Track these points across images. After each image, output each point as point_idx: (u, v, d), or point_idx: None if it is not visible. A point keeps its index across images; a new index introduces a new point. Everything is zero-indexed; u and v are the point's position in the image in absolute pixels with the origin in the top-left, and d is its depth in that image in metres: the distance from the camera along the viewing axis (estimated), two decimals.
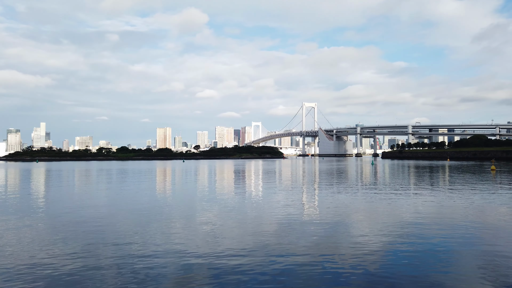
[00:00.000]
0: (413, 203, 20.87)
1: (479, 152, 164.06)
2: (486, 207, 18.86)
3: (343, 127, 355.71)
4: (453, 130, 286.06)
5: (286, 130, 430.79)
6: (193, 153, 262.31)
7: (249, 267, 9.24)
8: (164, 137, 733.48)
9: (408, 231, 13.24)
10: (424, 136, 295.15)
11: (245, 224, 14.85)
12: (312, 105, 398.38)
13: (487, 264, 9.41)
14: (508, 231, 13.41)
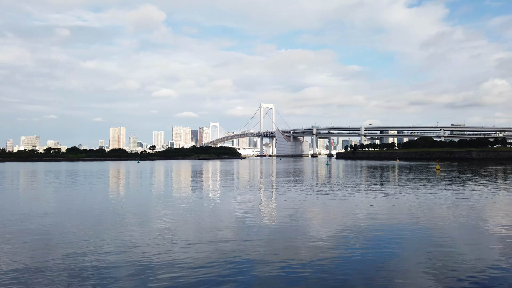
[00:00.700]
0: (366, 201, 21.72)
1: (425, 152, 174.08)
2: (432, 205, 20.04)
3: (300, 128, 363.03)
4: (402, 132, 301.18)
5: (244, 130, 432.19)
6: (149, 154, 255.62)
7: (206, 268, 9.16)
8: (118, 137, 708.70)
9: (360, 229, 13.76)
10: (375, 137, 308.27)
11: (202, 226, 14.71)
12: (270, 106, 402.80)
13: (434, 259, 10.00)
14: (452, 226, 14.32)
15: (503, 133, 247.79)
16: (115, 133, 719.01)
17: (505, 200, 22.09)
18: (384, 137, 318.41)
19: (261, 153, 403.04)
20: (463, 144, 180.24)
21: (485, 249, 11.04)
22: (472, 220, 15.57)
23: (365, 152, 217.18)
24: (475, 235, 12.92)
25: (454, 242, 11.86)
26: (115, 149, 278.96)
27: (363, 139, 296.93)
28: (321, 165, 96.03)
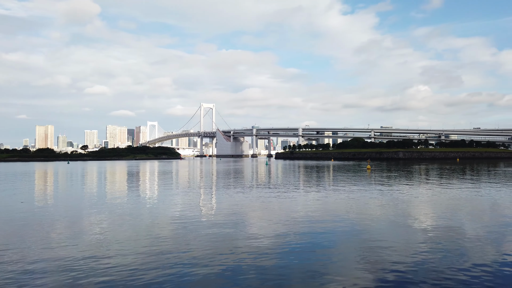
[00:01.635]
0: (303, 200, 22.46)
1: (357, 153, 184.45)
2: (363, 202, 21.27)
3: (240, 128, 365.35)
4: (337, 133, 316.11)
5: (184, 130, 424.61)
6: (80, 154, 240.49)
7: (143, 274, 8.83)
8: (45, 136, 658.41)
9: (298, 226, 14.19)
10: (312, 138, 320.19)
11: (139, 230, 14.16)
12: (210, 106, 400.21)
13: (366, 252, 10.61)
14: (381, 221, 15.31)
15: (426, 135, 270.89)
16: (42, 132, 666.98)
17: (427, 195, 24.14)
18: (320, 138, 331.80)
19: (201, 153, 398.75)
20: (391, 145, 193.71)
21: (410, 241, 11.95)
22: (399, 214, 16.79)
23: (303, 153, 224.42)
24: (401, 228, 13.93)
25: (382, 235, 12.69)
26: (42, 149, 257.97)
27: (300, 139, 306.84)
28: (260, 165, 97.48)
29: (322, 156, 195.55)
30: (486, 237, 12.40)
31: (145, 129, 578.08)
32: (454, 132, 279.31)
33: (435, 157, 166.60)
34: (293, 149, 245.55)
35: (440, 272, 8.83)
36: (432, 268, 9.16)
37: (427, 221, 15.42)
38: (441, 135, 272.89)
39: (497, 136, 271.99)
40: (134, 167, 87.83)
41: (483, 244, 11.42)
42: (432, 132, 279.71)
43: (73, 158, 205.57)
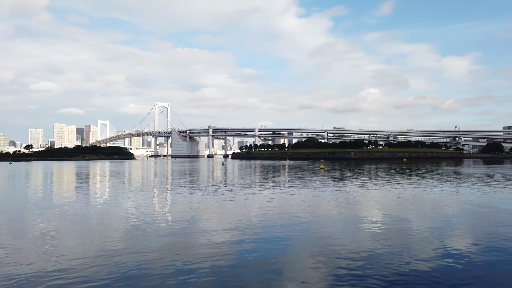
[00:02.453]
0: (259, 199, 22.63)
1: (312, 153, 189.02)
2: (317, 200, 21.83)
3: (196, 128, 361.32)
4: (292, 133, 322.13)
5: (137, 130, 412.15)
6: (24, 154, 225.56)
7: (94, 277, 8.44)
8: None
9: (254, 226, 14.27)
10: (268, 138, 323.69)
11: (88, 234, 13.55)
12: (165, 105, 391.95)
13: (320, 248, 10.89)
14: (334, 220, 15.79)
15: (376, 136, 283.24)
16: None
17: (377, 194, 25.26)
18: (276, 138, 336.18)
19: (156, 153, 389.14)
20: (343, 145, 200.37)
21: (361, 238, 12.43)
22: (351, 212, 17.41)
23: (259, 153, 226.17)
24: (353, 225, 14.45)
25: (335, 232, 13.09)
26: None
27: (257, 139, 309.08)
28: (217, 165, 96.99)
29: (278, 156, 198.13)
30: (430, 231, 13.19)
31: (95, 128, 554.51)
32: (401, 133, 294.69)
33: (384, 157, 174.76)
34: (250, 149, 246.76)
35: (389, 266, 9.26)
36: (382, 262, 9.59)
37: (377, 218, 16.13)
38: (390, 136, 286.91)
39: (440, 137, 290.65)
40: (83, 167, 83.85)
41: (428, 239, 12.14)
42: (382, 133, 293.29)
43: (16, 159, 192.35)
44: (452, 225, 14.45)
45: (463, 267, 9.21)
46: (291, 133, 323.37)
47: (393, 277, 8.54)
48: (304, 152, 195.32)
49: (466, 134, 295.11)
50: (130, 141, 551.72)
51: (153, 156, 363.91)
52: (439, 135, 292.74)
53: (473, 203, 20.62)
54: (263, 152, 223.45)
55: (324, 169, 63.44)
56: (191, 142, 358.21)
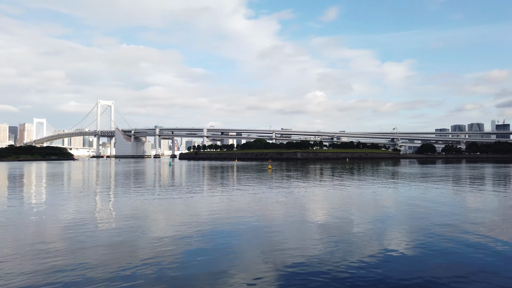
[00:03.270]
0: (207, 200, 22.41)
1: (260, 153, 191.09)
2: (264, 200, 22.08)
3: (142, 128, 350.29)
4: (241, 134, 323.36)
5: (78, 129, 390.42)
6: None
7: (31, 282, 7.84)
8: None
9: (202, 227, 14.10)
10: (217, 138, 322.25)
11: (24, 241, 12.56)
12: (108, 103, 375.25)
13: (267, 248, 11.01)
14: (282, 219, 16.06)
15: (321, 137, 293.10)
16: None
17: (322, 192, 26.11)
18: (225, 139, 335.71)
19: (98, 154, 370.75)
20: (290, 146, 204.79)
21: (308, 235, 12.76)
22: (297, 211, 17.82)
23: (207, 153, 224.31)
24: (299, 224, 14.80)
25: (283, 231, 13.33)
26: None
27: (205, 140, 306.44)
28: (164, 166, 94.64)
29: (226, 157, 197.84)
30: (371, 228, 13.88)
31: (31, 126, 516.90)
32: (344, 135, 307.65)
33: (328, 157, 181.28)
34: (198, 149, 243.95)
35: (333, 263, 9.60)
36: (327, 259, 9.91)
37: (322, 216, 16.67)
38: (334, 137, 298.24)
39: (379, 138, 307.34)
40: (16, 169, 77.65)
41: (369, 235, 12.76)
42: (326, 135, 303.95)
43: None
44: (390, 221, 15.32)
45: (402, 261, 9.79)
46: (239, 134, 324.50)
47: (337, 274, 8.86)
48: (253, 152, 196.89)
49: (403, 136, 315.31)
50: (70, 141, 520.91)
51: (95, 157, 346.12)
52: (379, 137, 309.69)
53: (410, 200, 22.03)
54: (212, 153, 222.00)
55: (272, 169, 64.41)
56: (136, 142, 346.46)
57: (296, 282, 8.27)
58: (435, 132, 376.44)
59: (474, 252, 10.53)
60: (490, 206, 19.72)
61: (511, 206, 19.32)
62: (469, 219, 15.64)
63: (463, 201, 22.03)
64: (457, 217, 15.96)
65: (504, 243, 11.56)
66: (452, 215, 16.47)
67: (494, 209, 18.45)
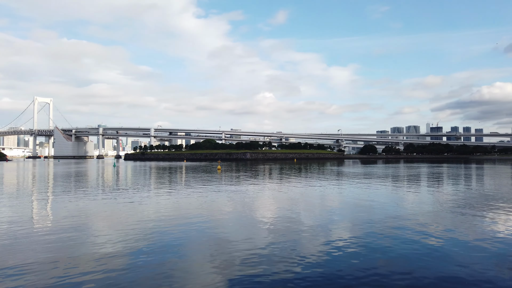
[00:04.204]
0: (154, 202, 21.78)
1: (209, 154, 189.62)
2: (214, 201, 21.92)
3: (84, 127, 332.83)
4: (190, 134, 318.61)
5: (12, 127, 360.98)
6: None
7: None
8: None
9: (149, 229, 13.67)
10: (165, 139, 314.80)
11: None
12: (47, 100, 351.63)
13: (217, 248, 10.92)
14: (231, 219, 16.03)
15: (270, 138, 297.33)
16: None
17: (270, 192, 26.48)
18: (174, 139, 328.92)
19: (35, 154, 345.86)
20: (240, 146, 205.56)
21: (257, 235, 12.86)
22: (247, 211, 17.90)
23: (155, 153, 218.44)
24: (249, 223, 14.88)
25: (232, 232, 13.32)
26: None
27: (153, 140, 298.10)
28: (108, 167, 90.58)
29: (175, 157, 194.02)
30: (318, 226, 14.31)
31: None
32: (293, 136, 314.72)
33: (277, 157, 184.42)
34: (145, 150, 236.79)
35: (282, 260, 9.77)
36: (275, 257, 10.05)
37: (271, 215, 16.89)
38: (282, 138, 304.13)
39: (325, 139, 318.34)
40: None
41: (316, 232, 13.15)
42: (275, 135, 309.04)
43: None
44: (336, 218, 15.91)
45: (347, 258, 10.20)
46: (189, 134, 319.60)
47: (285, 273, 9.02)
48: (202, 153, 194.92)
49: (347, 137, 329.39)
50: (3, 141, 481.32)
51: (32, 157, 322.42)
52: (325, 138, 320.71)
53: (353, 198, 23.03)
54: (159, 153, 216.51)
55: (221, 169, 64.19)
56: (77, 142, 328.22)
57: (246, 283, 8.29)
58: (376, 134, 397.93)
59: (410, 248, 11.23)
60: (425, 204, 21.19)
61: (443, 203, 20.91)
62: (406, 216, 16.68)
63: (401, 199, 23.46)
64: (396, 215, 16.95)
65: (437, 239, 12.46)
66: (391, 213, 17.46)
67: (428, 207, 19.84)
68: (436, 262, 9.73)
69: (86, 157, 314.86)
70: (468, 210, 18.08)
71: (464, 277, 8.60)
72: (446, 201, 21.71)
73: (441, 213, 17.44)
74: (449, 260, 9.93)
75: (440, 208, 18.87)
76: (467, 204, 20.43)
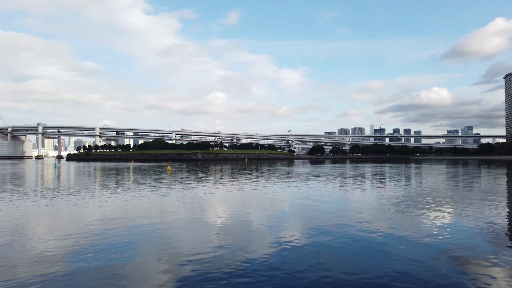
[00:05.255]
0: (98, 205, 20.78)
1: (159, 154, 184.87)
2: (163, 202, 21.35)
3: (22, 125, 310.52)
4: (138, 133, 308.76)
5: None
6: None
7: None
8: None
9: (94, 234, 12.99)
10: (111, 138, 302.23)
11: None
12: None
13: (166, 250, 10.62)
14: (181, 221, 15.68)
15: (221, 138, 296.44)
16: None
17: (221, 193, 26.33)
18: (121, 139, 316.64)
19: None
20: (191, 146, 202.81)
21: (207, 235, 12.69)
22: (197, 212, 17.64)
23: (100, 154, 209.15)
24: (199, 225, 14.66)
25: (182, 233, 13.04)
26: None
27: (98, 140, 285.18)
28: (48, 167, 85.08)
29: (122, 158, 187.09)
30: (267, 225, 14.45)
31: None
32: (244, 136, 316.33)
33: (228, 158, 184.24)
34: (89, 150, 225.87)
35: (233, 260, 9.72)
36: (225, 257, 9.99)
37: (222, 215, 16.78)
38: (234, 138, 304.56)
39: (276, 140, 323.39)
40: None
41: (266, 232, 13.26)
42: (227, 136, 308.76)
43: None
44: (286, 218, 16.17)
45: (296, 256, 10.38)
46: (137, 133, 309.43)
47: (235, 273, 8.99)
48: (151, 153, 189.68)
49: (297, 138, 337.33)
50: None
51: None
52: (275, 138, 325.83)
53: (302, 197, 23.57)
54: (105, 153, 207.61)
55: (171, 170, 62.83)
56: (14, 142, 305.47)
57: (195, 284, 8.14)
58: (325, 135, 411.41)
59: (357, 245, 11.70)
60: (369, 202, 22.21)
61: (386, 201, 22.05)
62: (353, 214, 17.37)
63: (347, 198, 24.40)
64: (342, 213, 17.60)
65: (381, 236, 13.09)
66: (338, 211, 18.10)
67: (372, 205, 20.82)
68: (382, 258, 10.20)
69: (24, 157, 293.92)
70: (409, 208, 19.22)
71: (408, 272, 9.10)
72: (388, 199, 22.92)
73: (384, 210, 18.37)
74: (393, 255, 10.46)
75: (384, 206, 19.87)
76: (408, 201, 21.71)
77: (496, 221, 15.22)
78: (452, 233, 13.00)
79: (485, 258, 10.07)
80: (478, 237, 12.49)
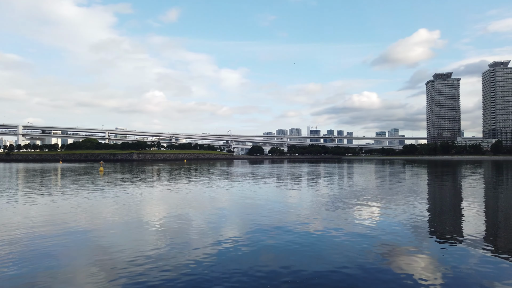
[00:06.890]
0: (23, 209, 19.08)
1: (90, 154, 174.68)
2: (95, 205, 20.18)
3: None
4: (67, 132, 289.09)
5: None
6: None
7: None
8: None
9: (17, 240, 11.87)
10: (36, 137, 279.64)
11: None
12: None
13: (100, 256, 10.04)
14: (116, 224, 14.93)
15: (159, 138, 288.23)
16: None
17: (158, 194, 25.58)
18: (47, 138, 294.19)
19: None
20: (126, 146, 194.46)
21: (144, 238, 12.23)
22: (132, 214, 16.93)
23: (23, 154, 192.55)
24: (135, 227, 14.07)
25: (117, 237, 12.43)
26: None
27: (21, 139, 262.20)
28: None
29: (48, 158, 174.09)
30: (208, 225, 14.32)
31: None
32: (183, 136, 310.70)
33: (166, 158, 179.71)
34: (10, 149, 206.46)
35: (171, 261, 9.47)
36: (163, 258, 9.70)
37: (159, 217, 16.28)
38: (172, 138, 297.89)
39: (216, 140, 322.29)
40: None
41: (205, 231, 13.13)
42: (165, 135, 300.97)
43: None
44: (225, 217, 16.15)
45: (235, 256, 10.40)
46: (66, 132, 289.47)
47: (173, 274, 8.78)
48: (82, 153, 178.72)
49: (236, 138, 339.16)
50: None
51: None
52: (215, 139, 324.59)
53: (241, 196, 23.72)
54: (30, 154, 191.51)
55: (104, 171, 59.69)
56: None
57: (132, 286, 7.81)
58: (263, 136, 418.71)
59: (294, 242, 12.04)
60: (305, 200, 22.99)
61: (321, 199, 23.00)
62: (290, 212, 17.85)
63: (285, 196, 25.04)
64: (280, 211, 18.01)
65: (317, 230, 13.61)
66: (276, 210, 18.49)
67: (308, 203, 21.58)
68: (318, 252, 10.59)
69: None
70: (342, 205, 20.22)
71: (343, 264, 9.55)
72: (323, 197, 23.92)
73: (320, 208, 19.12)
74: (328, 249, 10.92)
75: (319, 204, 20.69)
76: (341, 199, 22.84)
77: (417, 213, 16.61)
78: (381, 227, 13.92)
79: (408, 247, 10.94)
80: (403, 229, 13.52)
